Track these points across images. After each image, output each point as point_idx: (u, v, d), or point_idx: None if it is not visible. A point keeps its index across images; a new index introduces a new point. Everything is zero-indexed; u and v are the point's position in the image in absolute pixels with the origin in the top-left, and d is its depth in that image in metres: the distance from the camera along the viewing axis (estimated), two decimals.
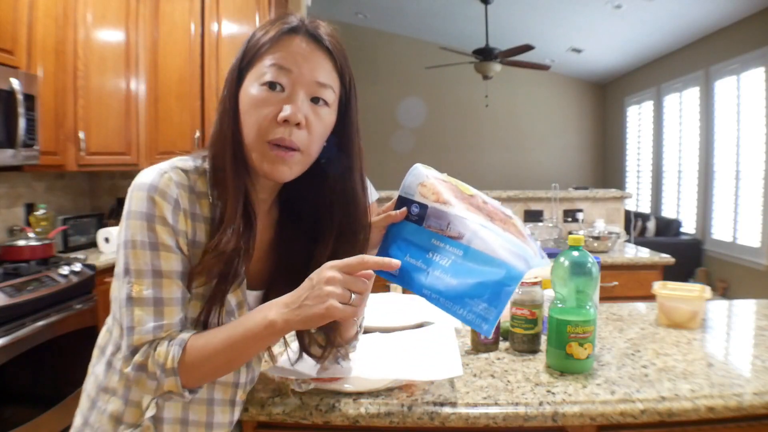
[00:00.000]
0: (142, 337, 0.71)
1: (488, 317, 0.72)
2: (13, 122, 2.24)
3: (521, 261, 0.74)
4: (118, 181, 3.45)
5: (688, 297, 1.31)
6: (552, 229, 2.92)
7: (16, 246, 2.31)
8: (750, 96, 4.87)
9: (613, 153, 8.14)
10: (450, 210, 0.79)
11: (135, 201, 0.72)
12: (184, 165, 0.76)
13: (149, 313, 0.71)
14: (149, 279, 0.71)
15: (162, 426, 0.77)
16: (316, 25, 0.78)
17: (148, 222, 0.71)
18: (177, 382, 0.70)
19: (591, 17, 5.79)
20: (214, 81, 3.01)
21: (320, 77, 0.75)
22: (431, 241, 0.78)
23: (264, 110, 0.73)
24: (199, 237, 0.75)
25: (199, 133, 3.03)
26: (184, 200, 0.74)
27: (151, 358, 0.70)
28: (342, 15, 7.25)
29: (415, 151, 8.09)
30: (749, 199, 4.85)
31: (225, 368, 0.75)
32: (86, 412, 0.82)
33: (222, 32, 3.01)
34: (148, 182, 0.72)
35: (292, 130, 0.73)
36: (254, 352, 0.75)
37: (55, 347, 2.12)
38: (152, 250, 0.71)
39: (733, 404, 0.88)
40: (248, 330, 0.70)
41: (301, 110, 0.73)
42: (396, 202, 0.84)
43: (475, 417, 0.87)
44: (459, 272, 0.75)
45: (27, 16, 2.42)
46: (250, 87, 0.74)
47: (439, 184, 0.82)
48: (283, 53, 0.74)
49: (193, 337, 0.72)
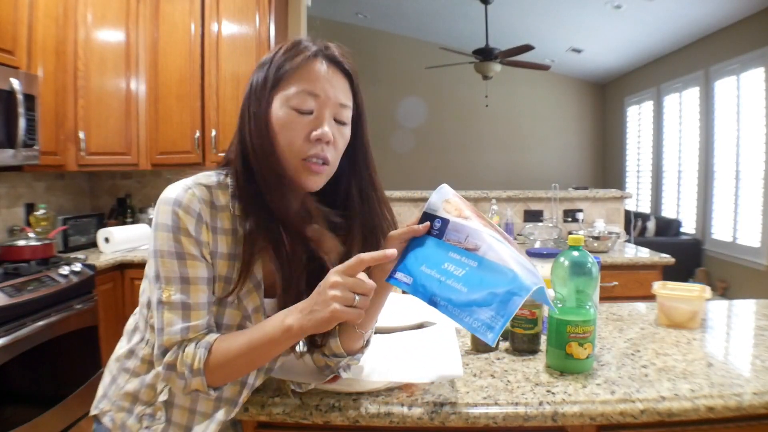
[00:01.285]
0: (171, 338, 0.78)
1: (494, 325, 0.72)
2: (14, 122, 2.24)
3: (531, 275, 0.75)
4: (118, 181, 3.45)
5: (688, 297, 1.31)
6: (552, 229, 2.92)
7: (16, 246, 2.31)
8: (750, 96, 4.87)
9: (613, 153, 8.14)
10: (469, 223, 0.81)
11: (161, 215, 0.80)
12: (207, 181, 0.84)
13: (177, 316, 0.79)
14: (177, 285, 0.79)
15: (172, 410, 0.88)
16: (331, 49, 0.85)
17: (174, 234, 0.79)
18: (203, 382, 0.77)
19: (591, 17, 5.79)
20: (214, 81, 3.01)
21: (342, 99, 0.84)
22: (449, 253, 0.79)
23: (296, 132, 0.81)
24: (220, 248, 0.82)
25: (199, 133, 3.03)
26: (206, 214, 0.81)
27: (179, 359, 0.78)
28: (342, 15, 7.25)
29: (415, 151, 8.10)
30: (749, 199, 4.85)
31: (246, 369, 0.82)
32: (107, 386, 0.95)
33: (222, 32, 3.01)
34: (173, 197, 0.80)
35: (323, 146, 0.82)
36: (273, 355, 0.80)
37: (55, 347, 2.12)
38: (179, 259, 0.79)
39: (732, 404, 0.88)
40: (267, 334, 0.76)
41: (330, 129, 0.82)
42: (420, 217, 0.85)
43: (475, 417, 0.87)
44: (471, 282, 0.75)
45: (27, 16, 2.42)
46: (279, 110, 0.82)
47: (462, 203, 0.85)
48: (309, 79, 0.82)
49: (218, 340, 0.79)
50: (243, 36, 3.00)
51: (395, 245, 0.83)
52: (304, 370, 0.95)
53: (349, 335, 0.87)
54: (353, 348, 0.88)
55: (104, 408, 0.94)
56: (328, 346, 0.89)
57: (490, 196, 3.16)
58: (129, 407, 0.90)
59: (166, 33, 3.03)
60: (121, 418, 0.91)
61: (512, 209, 3.19)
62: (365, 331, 0.87)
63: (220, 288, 0.83)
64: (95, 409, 0.96)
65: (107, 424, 0.92)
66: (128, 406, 0.90)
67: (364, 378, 0.93)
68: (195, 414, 0.88)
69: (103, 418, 0.94)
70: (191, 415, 0.88)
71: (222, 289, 0.83)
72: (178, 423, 0.88)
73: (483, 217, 0.83)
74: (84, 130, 2.85)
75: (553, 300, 1.03)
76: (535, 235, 2.91)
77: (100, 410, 0.94)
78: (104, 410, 0.94)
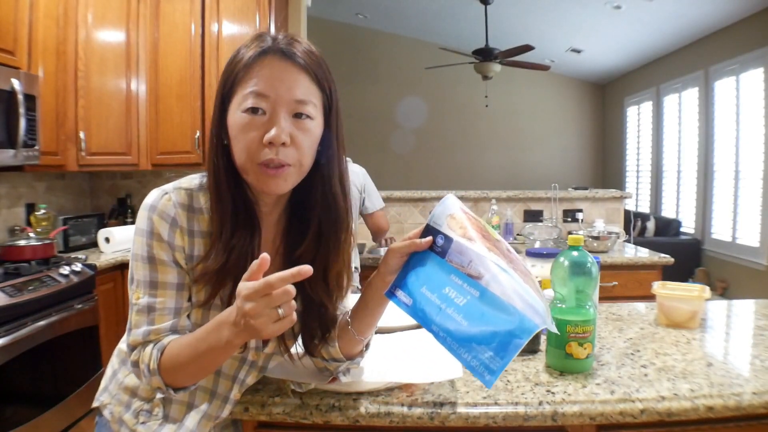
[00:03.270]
0: (135, 338, 0.81)
1: (493, 368, 0.69)
2: (14, 122, 2.24)
3: (536, 315, 0.71)
4: (119, 181, 3.46)
5: (688, 297, 1.31)
6: (552, 229, 2.93)
7: (17, 246, 2.32)
8: (749, 96, 4.87)
9: (613, 153, 8.14)
10: (473, 247, 0.77)
11: (139, 219, 0.82)
12: (189, 184, 0.84)
13: (143, 319, 0.80)
14: (146, 289, 0.80)
15: (170, 406, 0.89)
16: (290, 42, 0.79)
17: (147, 239, 0.80)
18: (161, 381, 0.78)
19: (591, 17, 5.79)
20: (214, 81, 3.01)
21: (298, 94, 0.77)
22: (450, 276, 0.76)
23: (249, 135, 0.77)
24: (197, 251, 0.82)
25: (199, 133, 3.03)
26: (182, 218, 0.81)
27: (140, 358, 0.79)
28: (342, 15, 7.25)
29: (415, 151, 8.10)
30: (749, 199, 4.85)
31: (200, 373, 0.80)
32: (108, 380, 0.97)
33: (222, 32, 3.01)
34: (149, 203, 0.81)
35: (278, 149, 0.76)
36: (220, 362, 0.79)
37: (55, 347, 2.12)
38: (150, 263, 0.80)
39: (732, 404, 0.89)
40: (209, 345, 0.74)
41: (285, 130, 0.76)
42: (422, 230, 0.83)
43: (475, 417, 0.87)
44: (472, 314, 0.72)
45: (28, 16, 2.42)
46: (235, 114, 0.78)
47: (467, 220, 0.81)
48: (258, 78, 0.77)
49: (170, 344, 0.79)
50: (243, 36, 3.00)
51: (395, 259, 0.82)
52: (303, 371, 0.95)
53: (348, 341, 0.87)
54: (352, 353, 0.89)
55: (104, 401, 0.95)
56: (327, 351, 0.89)
57: (490, 196, 3.16)
58: (127, 401, 0.92)
59: (167, 33, 3.03)
60: (119, 412, 0.92)
61: (512, 209, 3.19)
62: (364, 337, 0.87)
63: (200, 290, 0.82)
64: (96, 401, 0.97)
65: (107, 416, 0.94)
66: (126, 400, 0.92)
67: (363, 378, 0.93)
68: (192, 408, 0.89)
69: (103, 411, 0.95)
70: (188, 409, 0.89)
71: (203, 294, 0.82)
72: (174, 418, 0.89)
73: (488, 238, 0.79)
74: (84, 130, 2.85)
75: (552, 301, 1.03)
76: (535, 235, 2.91)
77: (101, 403, 0.96)
78: (104, 403, 0.95)
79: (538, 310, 0.71)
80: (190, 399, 0.89)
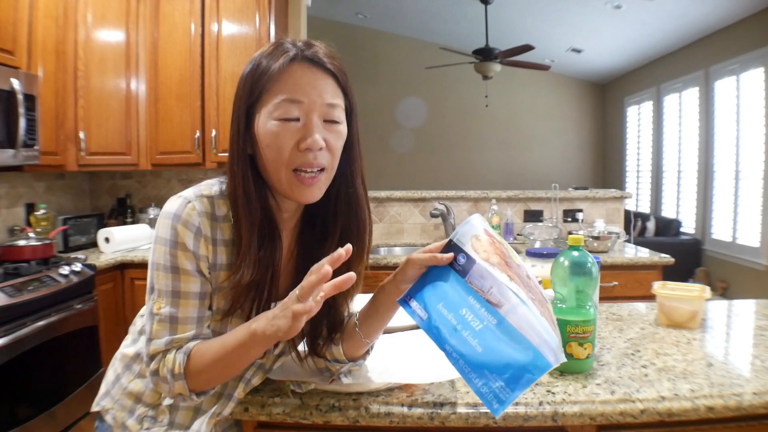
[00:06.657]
0: (156, 348, 0.80)
1: (502, 398, 0.69)
2: (14, 122, 2.24)
3: (550, 353, 0.71)
4: (119, 181, 3.45)
5: (688, 297, 1.31)
6: (552, 229, 2.93)
7: (16, 246, 2.31)
8: (749, 96, 4.87)
9: (613, 153, 8.14)
10: (495, 273, 0.76)
11: (161, 228, 0.81)
12: (209, 191, 0.83)
13: (165, 328, 0.80)
14: (168, 298, 0.80)
15: (177, 412, 0.89)
16: (314, 48, 0.81)
17: (171, 248, 0.79)
18: (185, 386, 0.79)
19: (591, 17, 5.79)
20: (214, 81, 3.01)
21: (329, 99, 0.80)
22: (469, 298, 0.76)
23: (284, 141, 0.78)
24: (220, 260, 0.83)
25: (199, 133, 3.03)
26: (206, 227, 0.81)
27: (162, 365, 0.79)
28: (342, 15, 7.25)
29: (415, 151, 8.10)
30: (749, 199, 4.85)
31: (226, 373, 0.81)
32: (110, 384, 0.96)
33: (222, 32, 3.01)
34: (173, 212, 0.80)
35: (315, 154, 0.78)
36: (247, 359, 0.79)
37: (55, 347, 2.12)
38: (173, 273, 0.80)
39: (732, 404, 0.88)
40: (237, 339, 0.76)
41: (320, 135, 0.78)
42: (445, 245, 0.82)
43: (475, 417, 0.87)
44: (487, 341, 0.72)
45: (27, 16, 2.42)
46: (267, 123, 0.78)
47: (490, 245, 0.80)
48: (289, 86, 0.78)
49: (196, 346, 0.80)
50: (243, 36, 3.00)
51: (414, 270, 0.81)
52: (305, 371, 0.95)
53: (354, 343, 0.87)
54: (356, 355, 0.89)
55: (106, 406, 0.94)
56: (330, 352, 0.89)
57: (490, 196, 3.16)
58: (131, 407, 0.91)
59: (166, 33, 3.03)
60: (122, 418, 0.91)
61: (512, 209, 3.19)
62: (371, 340, 0.87)
63: (221, 299, 0.83)
64: (97, 406, 0.96)
65: (109, 421, 0.93)
66: (130, 405, 0.91)
67: (364, 378, 0.93)
68: (199, 413, 0.90)
69: (105, 416, 0.94)
70: (195, 414, 0.89)
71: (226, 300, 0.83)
72: (181, 424, 0.89)
73: (510, 264, 0.79)
74: (84, 130, 2.85)
75: (552, 301, 1.03)
76: (535, 235, 2.91)
77: (102, 407, 0.95)
78: (106, 408, 0.94)
79: (552, 346, 0.71)
80: (198, 404, 0.89)
